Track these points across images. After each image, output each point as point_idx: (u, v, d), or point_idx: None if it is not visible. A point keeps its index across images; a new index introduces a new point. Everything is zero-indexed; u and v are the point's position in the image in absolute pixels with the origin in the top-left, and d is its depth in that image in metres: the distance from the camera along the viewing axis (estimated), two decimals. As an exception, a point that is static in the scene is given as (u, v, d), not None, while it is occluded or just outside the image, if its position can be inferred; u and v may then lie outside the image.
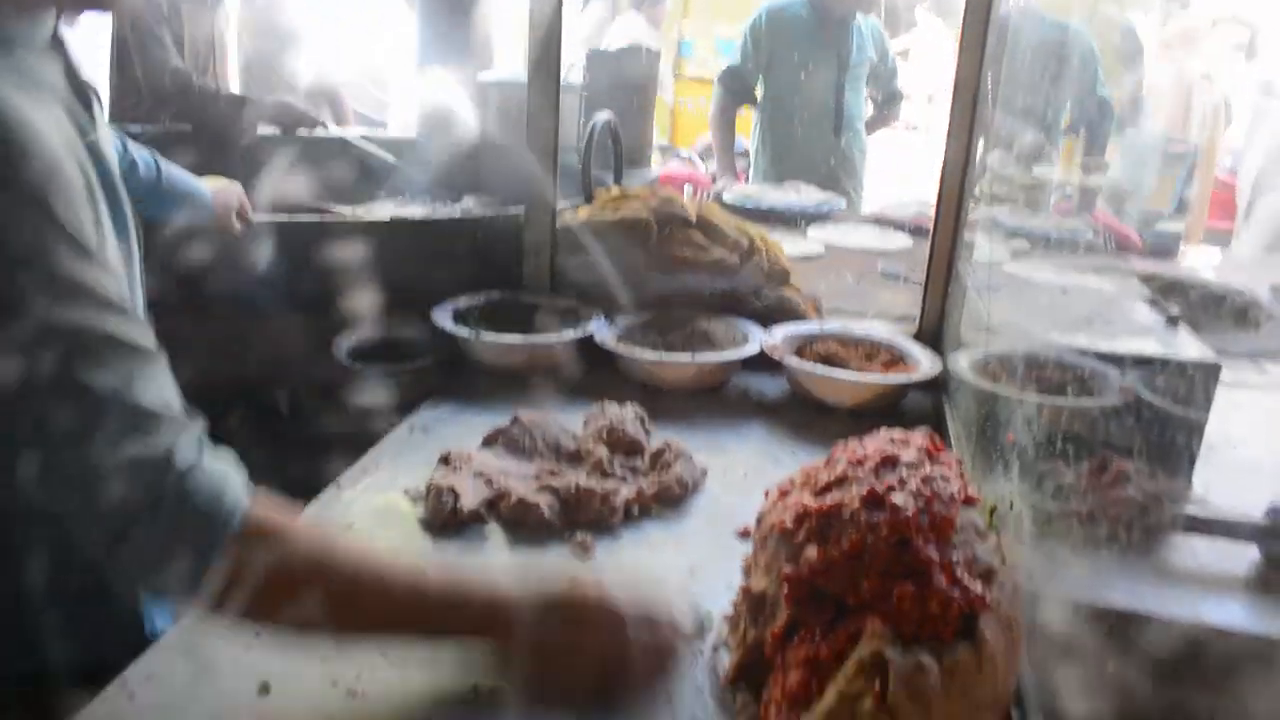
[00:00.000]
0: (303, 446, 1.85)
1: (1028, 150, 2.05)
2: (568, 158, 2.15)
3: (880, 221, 3.41)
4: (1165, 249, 2.52)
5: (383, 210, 2.85)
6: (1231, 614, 1.16)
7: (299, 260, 1.83)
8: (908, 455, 0.98)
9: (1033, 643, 0.95)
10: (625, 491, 1.32)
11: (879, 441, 1.02)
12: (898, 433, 1.05)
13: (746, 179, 4.14)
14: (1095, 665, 1.01)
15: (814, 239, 3.10)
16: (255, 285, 1.88)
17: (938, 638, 0.84)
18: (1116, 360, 1.51)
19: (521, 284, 2.06)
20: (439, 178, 2.90)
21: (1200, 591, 1.22)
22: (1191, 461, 1.39)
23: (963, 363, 1.67)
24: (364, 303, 1.75)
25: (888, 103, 4.31)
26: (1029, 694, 0.93)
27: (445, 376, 1.78)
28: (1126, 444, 1.34)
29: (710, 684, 0.99)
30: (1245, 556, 1.26)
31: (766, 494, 1.05)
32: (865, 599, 0.87)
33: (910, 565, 0.87)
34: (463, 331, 1.79)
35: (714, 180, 4.41)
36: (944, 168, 1.91)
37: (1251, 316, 2.09)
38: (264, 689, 0.94)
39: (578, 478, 1.32)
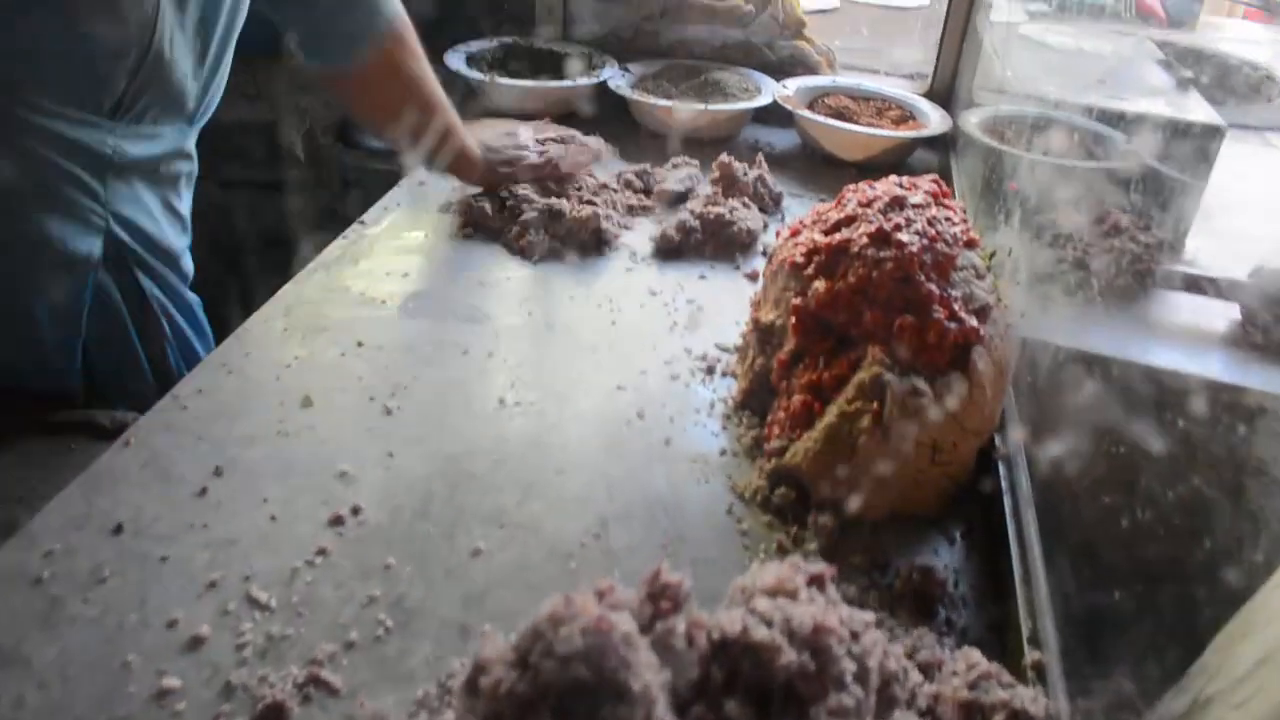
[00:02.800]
0: (319, 188, 1.88)
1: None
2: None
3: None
4: (1185, 19, 2.47)
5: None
6: (1209, 365, 1.23)
7: None
8: (915, 198, 1.02)
9: (1019, 377, 1.03)
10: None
11: (888, 184, 1.06)
12: (906, 178, 1.09)
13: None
14: (1074, 403, 1.09)
15: (828, -7, 3.03)
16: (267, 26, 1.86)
17: (933, 365, 0.91)
18: (1125, 121, 1.53)
19: (534, 29, 2.04)
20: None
21: (1183, 343, 1.28)
22: (1186, 224, 1.44)
23: (972, 121, 1.68)
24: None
25: None
26: (1012, 422, 1.01)
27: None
28: (1126, 203, 1.38)
29: (717, 408, 1.07)
30: (1228, 314, 1.32)
31: (778, 233, 1.10)
32: (867, 330, 0.93)
33: (911, 299, 0.92)
34: (476, 75, 1.78)
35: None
36: (967, -81, 1.86)
37: (1264, 90, 2.08)
38: (306, 402, 1.02)
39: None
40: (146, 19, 1.10)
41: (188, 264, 1.28)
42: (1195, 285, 1.32)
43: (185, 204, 1.28)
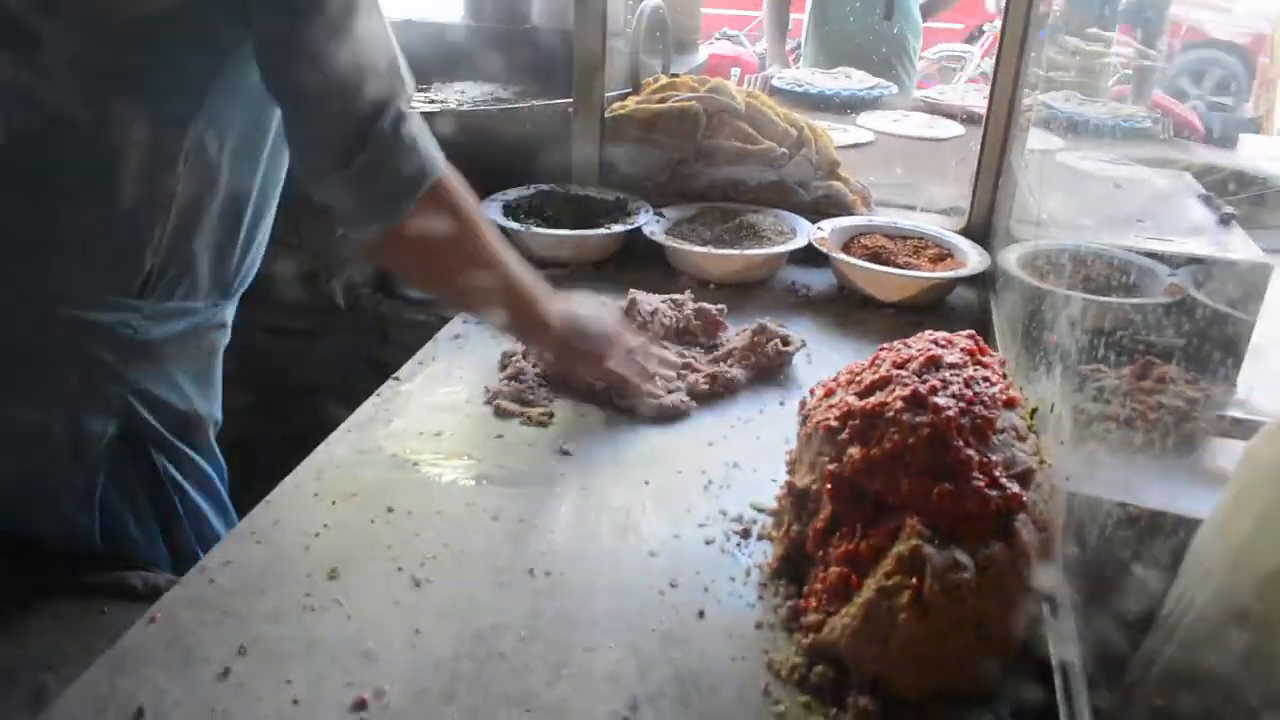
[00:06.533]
0: (358, 336, 1.90)
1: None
2: (615, 44, 2.12)
3: (930, 108, 3.36)
4: (1227, 136, 2.44)
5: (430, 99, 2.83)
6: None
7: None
8: (951, 357, 1.00)
9: (1067, 541, 0.99)
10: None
11: (923, 343, 1.04)
12: (942, 335, 1.07)
13: (797, 63, 4.07)
14: (1127, 565, 1.04)
15: (864, 126, 3.06)
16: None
17: (974, 536, 0.88)
18: (1166, 259, 1.50)
19: (570, 175, 2.07)
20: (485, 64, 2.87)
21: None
22: (1237, 364, 1.39)
23: (1011, 258, 1.66)
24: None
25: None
26: (1061, 591, 0.97)
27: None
28: (1170, 345, 1.34)
29: (753, 576, 1.04)
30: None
31: (812, 392, 1.08)
32: (905, 498, 0.90)
33: (950, 465, 0.90)
34: (513, 225, 1.80)
35: (761, 65, 4.34)
36: (999, 54, 1.87)
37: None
38: (334, 574, 1.00)
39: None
40: (165, 197, 1.11)
41: (214, 423, 1.29)
42: (1250, 432, 1.28)
43: (217, 371, 1.29)
